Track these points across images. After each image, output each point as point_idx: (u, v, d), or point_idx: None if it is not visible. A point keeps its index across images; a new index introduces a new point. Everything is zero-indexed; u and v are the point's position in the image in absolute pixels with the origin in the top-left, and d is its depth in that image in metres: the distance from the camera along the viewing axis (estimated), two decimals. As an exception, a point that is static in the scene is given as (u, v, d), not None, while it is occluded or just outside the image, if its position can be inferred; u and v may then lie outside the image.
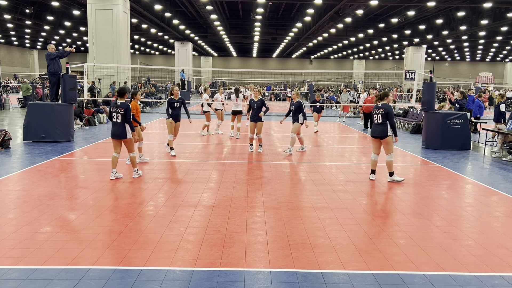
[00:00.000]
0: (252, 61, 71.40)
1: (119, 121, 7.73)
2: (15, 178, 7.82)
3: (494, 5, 27.19)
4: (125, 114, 7.70)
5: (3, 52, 57.02)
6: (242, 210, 6.15)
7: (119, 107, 7.73)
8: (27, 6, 33.12)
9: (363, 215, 6.07)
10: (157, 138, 13.82)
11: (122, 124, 7.73)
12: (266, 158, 10.40)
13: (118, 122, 7.74)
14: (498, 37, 41.04)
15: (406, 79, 18.10)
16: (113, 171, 7.90)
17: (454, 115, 12.38)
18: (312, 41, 46.93)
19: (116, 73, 25.56)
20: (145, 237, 5.02)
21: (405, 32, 39.65)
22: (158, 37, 44.64)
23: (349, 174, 8.73)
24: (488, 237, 5.32)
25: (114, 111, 7.74)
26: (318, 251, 4.72)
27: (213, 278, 4.06)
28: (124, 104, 7.77)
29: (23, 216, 5.67)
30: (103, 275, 4.06)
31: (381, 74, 57.06)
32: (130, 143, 7.90)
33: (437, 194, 7.32)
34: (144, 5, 29.89)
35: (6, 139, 10.87)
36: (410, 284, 4.01)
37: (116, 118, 7.74)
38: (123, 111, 7.69)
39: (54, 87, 12.71)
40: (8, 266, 4.19)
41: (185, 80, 34.61)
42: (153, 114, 23.69)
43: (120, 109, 7.71)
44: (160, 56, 71.23)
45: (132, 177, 8.02)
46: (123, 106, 7.73)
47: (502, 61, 68.81)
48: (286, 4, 32.10)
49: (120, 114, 7.70)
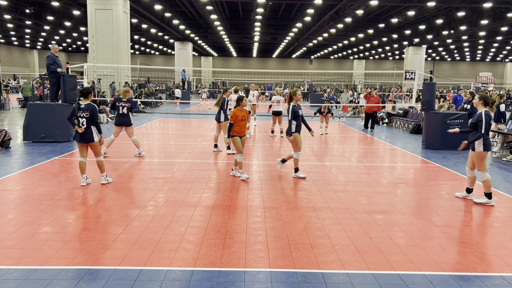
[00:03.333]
0: (252, 61, 71.40)
1: (84, 126, 7.13)
2: (15, 178, 7.82)
3: (494, 5, 27.18)
4: (92, 117, 7.16)
5: (3, 52, 57.01)
6: (242, 210, 6.15)
7: (84, 110, 7.12)
8: (27, 6, 33.12)
9: (363, 215, 6.07)
10: (157, 138, 13.83)
11: (89, 127, 7.17)
12: (267, 158, 10.40)
13: (84, 126, 7.14)
14: (498, 37, 41.05)
15: (406, 79, 18.11)
16: (83, 177, 7.35)
17: (454, 115, 12.38)
18: (312, 41, 46.93)
19: (116, 73, 25.56)
20: (145, 237, 5.02)
21: (405, 32, 39.65)
22: (158, 37, 44.65)
23: (349, 174, 8.73)
24: (488, 237, 5.32)
25: (79, 115, 7.12)
26: (318, 251, 4.72)
27: (213, 278, 4.06)
28: (89, 105, 7.19)
29: (23, 216, 5.67)
30: (103, 275, 4.06)
31: (381, 74, 57.08)
32: (97, 147, 7.35)
33: (437, 194, 7.32)
34: (144, 5, 29.89)
35: (6, 139, 10.87)
36: (410, 284, 4.01)
37: (82, 123, 7.14)
38: (89, 114, 7.13)
39: (54, 87, 12.72)
40: (8, 266, 4.19)
41: (186, 80, 34.65)
42: (153, 114, 23.69)
43: (85, 112, 7.12)
44: (160, 56, 71.24)
45: (100, 183, 7.46)
46: (88, 108, 7.14)
47: (502, 61, 68.80)
48: (286, 4, 32.10)
49: (85, 118, 7.12)
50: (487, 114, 6.62)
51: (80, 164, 7.31)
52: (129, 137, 10.23)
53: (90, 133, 7.20)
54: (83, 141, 7.23)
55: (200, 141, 13.03)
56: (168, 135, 14.77)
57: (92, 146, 7.31)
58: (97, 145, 7.33)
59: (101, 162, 7.45)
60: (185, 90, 32.81)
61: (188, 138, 13.70)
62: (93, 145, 7.30)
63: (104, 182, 7.48)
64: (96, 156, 7.44)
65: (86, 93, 7.28)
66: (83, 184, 7.34)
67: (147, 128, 16.54)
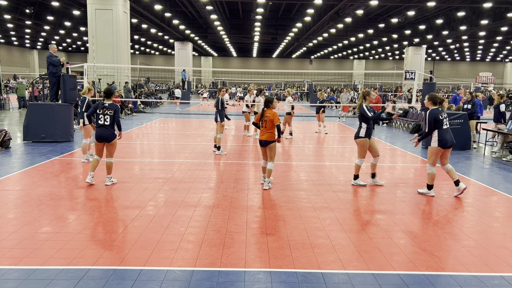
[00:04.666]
0: (252, 61, 71.40)
1: (107, 123, 7.30)
2: (15, 178, 7.81)
3: (494, 5, 27.18)
4: (114, 116, 7.31)
5: (3, 52, 57.00)
6: (242, 210, 6.15)
7: (108, 108, 7.30)
8: (27, 6, 33.12)
9: (363, 215, 6.07)
10: (157, 138, 13.82)
11: (112, 126, 7.33)
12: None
13: (106, 124, 7.30)
14: (498, 37, 41.04)
15: (406, 79, 18.11)
16: (90, 173, 7.43)
17: (454, 115, 12.37)
18: (312, 41, 46.93)
19: (116, 73, 25.57)
20: (145, 237, 5.02)
21: (405, 32, 39.65)
22: (158, 37, 44.65)
23: (349, 174, 8.72)
24: (488, 237, 5.32)
25: (102, 112, 7.30)
26: (318, 251, 4.72)
27: (213, 278, 4.06)
28: (113, 105, 7.38)
29: (23, 216, 5.67)
30: (103, 275, 4.06)
31: (381, 74, 57.07)
32: (113, 147, 7.45)
33: (437, 194, 7.32)
34: (144, 5, 29.89)
35: (6, 139, 10.87)
36: (410, 284, 4.01)
37: (105, 120, 7.29)
38: (113, 112, 7.30)
39: (54, 87, 12.71)
40: (8, 266, 4.19)
41: (186, 80, 34.64)
42: (153, 114, 23.68)
43: (109, 110, 7.30)
44: (160, 56, 71.23)
45: (104, 184, 7.45)
46: (112, 107, 7.34)
47: (502, 61, 68.80)
48: (286, 4, 32.10)
49: (109, 115, 7.29)
50: (432, 113, 7.08)
51: (94, 162, 7.40)
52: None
53: (113, 131, 7.32)
54: (104, 140, 7.28)
55: (200, 141, 13.03)
56: (168, 135, 14.77)
57: (111, 145, 7.37)
58: (114, 145, 7.41)
59: (110, 164, 7.45)
60: (185, 90, 32.79)
61: (188, 138, 13.70)
62: (112, 145, 7.38)
63: (109, 184, 7.45)
64: (108, 157, 7.43)
65: (109, 94, 7.47)
66: (87, 181, 7.36)
67: (147, 128, 16.55)
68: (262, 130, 7.35)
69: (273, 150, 7.38)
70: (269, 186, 7.43)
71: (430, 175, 7.16)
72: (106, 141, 7.32)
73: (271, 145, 7.33)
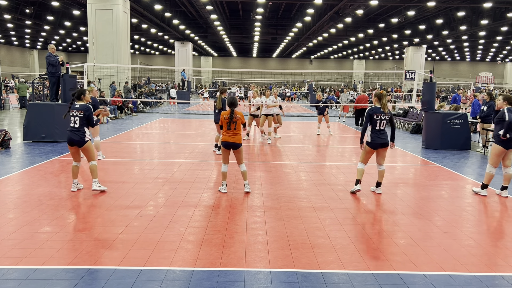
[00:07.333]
0: (252, 61, 71.41)
1: (76, 125, 6.81)
2: (15, 178, 7.81)
3: (494, 5, 27.18)
4: (87, 118, 6.86)
5: (3, 52, 56.99)
6: (242, 210, 6.15)
7: (77, 110, 6.82)
8: (27, 6, 33.11)
9: (363, 215, 6.07)
10: (157, 138, 13.82)
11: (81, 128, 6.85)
12: (267, 158, 10.40)
13: (76, 126, 6.82)
14: (498, 37, 41.04)
15: (406, 79, 18.11)
16: (74, 182, 7.00)
17: (454, 115, 12.38)
18: (312, 41, 46.93)
19: (116, 73, 25.56)
20: (145, 237, 5.02)
21: (405, 32, 39.65)
22: (158, 37, 44.63)
23: (349, 174, 8.73)
24: (488, 237, 5.32)
25: (72, 114, 6.82)
26: (318, 251, 4.72)
27: (213, 278, 4.06)
28: (83, 106, 6.90)
29: (23, 216, 5.67)
30: (103, 275, 4.06)
31: (381, 74, 57.09)
32: (89, 151, 6.96)
33: (437, 194, 7.32)
34: (144, 5, 29.89)
35: (6, 139, 10.87)
36: (410, 284, 4.01)
37: (74, 122, 6.82)
38: (82, 114, 6.82)
39: (54, 87, 12.72)
40: (8, 266, 4.19)
41: (185, 80, 34.63)
42: (153, 114, 23.68)
43: (79, 111, 6.82)
44: (160, 56, 71.23)
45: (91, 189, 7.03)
46: (82, 108, 6.84)
47: (502, 61, 68.79)
48: (286, 4, 32.10)
49: (79, 117, 6.81)
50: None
51: (73, 169, 6.94)
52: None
53: (81, 135, 6.81)
54: (75, 144, 6.82)
55: (200, 141, 13.03)
56: (168, 135, 14.77)
57: (84, 150, 6.88)
58: (88, 149, 6.88)
59: (93, 167, 6.92)
60: (185, 90, 32.79)
61: (188, 138, 13.69)
62: (85, 149, 6.87)
63: (96, 189, 6.89)
64: (89, 161, 6.96)
65: (79, 94, 6.98)
66: (73, 190, 6.93)
67: (147, 128, 16.55)
68: (230, 132, 6.99)
69: (241, 152, 7.18)
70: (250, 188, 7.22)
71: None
72: (77, 145, 6.86)
73: (240, 148, 7.10)
